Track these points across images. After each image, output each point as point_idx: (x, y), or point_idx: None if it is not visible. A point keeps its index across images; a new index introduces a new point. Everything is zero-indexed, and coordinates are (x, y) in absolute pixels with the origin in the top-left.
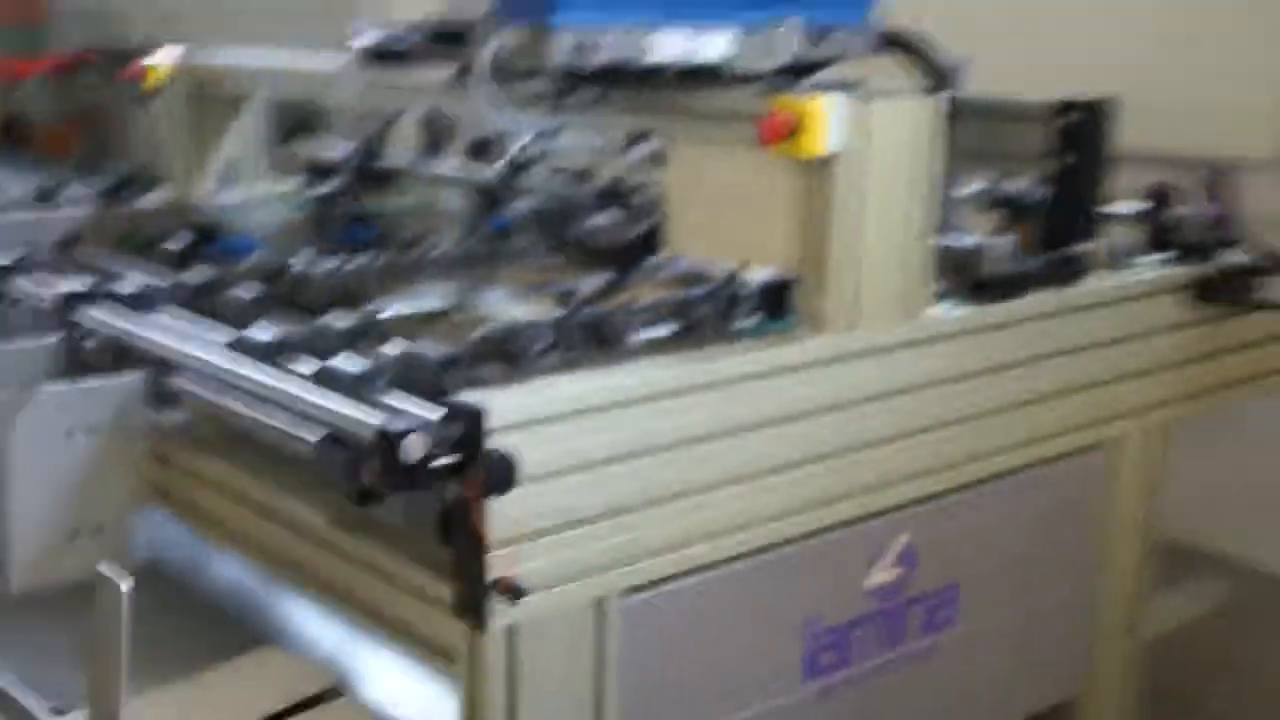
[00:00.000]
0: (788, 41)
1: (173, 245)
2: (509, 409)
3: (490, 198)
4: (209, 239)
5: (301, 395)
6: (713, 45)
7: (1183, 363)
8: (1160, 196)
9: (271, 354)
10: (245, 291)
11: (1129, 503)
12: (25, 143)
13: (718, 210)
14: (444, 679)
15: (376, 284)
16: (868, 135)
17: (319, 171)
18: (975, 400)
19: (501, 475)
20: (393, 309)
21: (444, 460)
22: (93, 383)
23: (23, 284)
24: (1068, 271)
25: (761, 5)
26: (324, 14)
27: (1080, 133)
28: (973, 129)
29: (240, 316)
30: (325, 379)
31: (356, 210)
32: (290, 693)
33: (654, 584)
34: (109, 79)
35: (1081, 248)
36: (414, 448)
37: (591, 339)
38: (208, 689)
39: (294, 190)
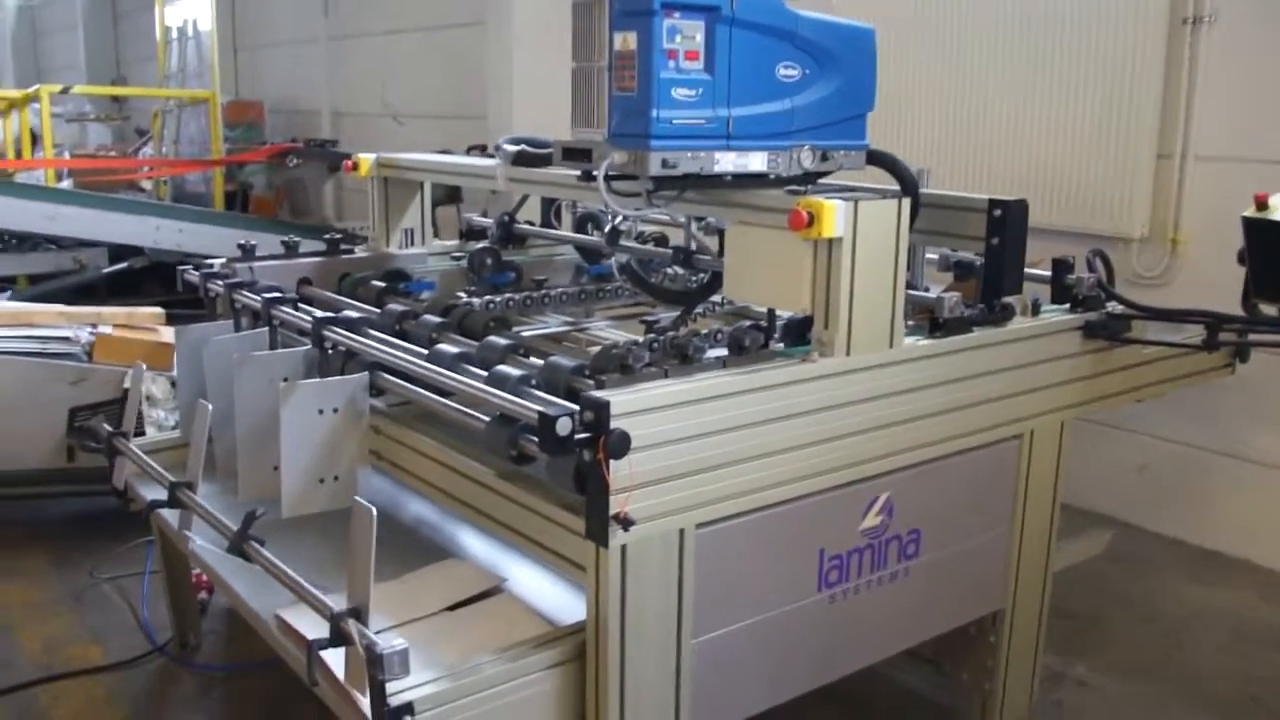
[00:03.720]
0: (804, 158)
1: (375, 284)
2: (624, 403)
3: (594, 254)
4: (400, 280)
5: (480, 390)
6: (755, 161)
7: (1075, 379)
8: (1062, 265)
9: (455, 362)
10: (429, 320)
11: (1039, 474)
12: (246, 207)
13: (759, 270)
14: (576, 583)
15: (517, 313)
16: (859, 224)
17: (473, 233)
18: (935, 403)
19: (620, 446)
20: (530, 331)
21: (581, 435)
22: (334, 379)
23: (285, 311)
24: (999, 316)
25: (786, 135)
26: (459, 118)
27: (1005, 221)
28: (934, 216)
29: (427, 337)
30: (494, 380)
31: (500, 261)
32: (467, 589)
33: (716, 521)
34: (306, 162)
35: (1008, 299)
36: (564, 426)
37: (675, 355)
38: (410, 585)
39: (455, 246)
